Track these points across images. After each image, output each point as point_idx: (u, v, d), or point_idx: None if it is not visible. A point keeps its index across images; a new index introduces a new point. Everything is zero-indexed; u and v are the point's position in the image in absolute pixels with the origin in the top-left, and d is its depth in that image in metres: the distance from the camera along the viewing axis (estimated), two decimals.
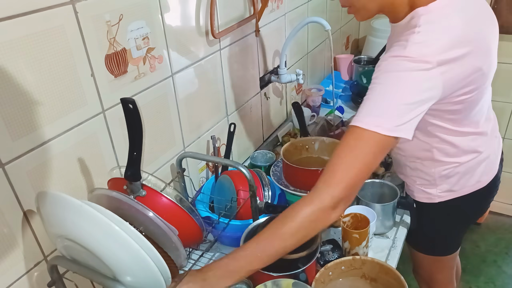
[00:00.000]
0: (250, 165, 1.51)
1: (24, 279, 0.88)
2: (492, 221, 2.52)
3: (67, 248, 0.80)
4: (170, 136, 1.20)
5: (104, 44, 0.92)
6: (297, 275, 0.97)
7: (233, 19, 1.34)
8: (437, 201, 1.19)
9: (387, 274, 1.03)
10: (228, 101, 1.43)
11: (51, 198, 0.76)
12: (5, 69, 0.74)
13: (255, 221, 1.09)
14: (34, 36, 0.78)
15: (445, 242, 1.33)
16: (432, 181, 1.16)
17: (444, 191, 1.17)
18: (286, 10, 1.68)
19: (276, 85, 1.75)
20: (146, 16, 1.01)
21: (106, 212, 0.76)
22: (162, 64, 1.10)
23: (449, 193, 1.17)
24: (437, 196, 1.18)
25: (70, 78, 0.87)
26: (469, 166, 1.12)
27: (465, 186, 1.16)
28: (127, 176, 0.87)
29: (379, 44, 2.17)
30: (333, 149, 1.37)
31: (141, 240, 0.77)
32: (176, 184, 1.23)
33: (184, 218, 0.94)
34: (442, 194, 1.18)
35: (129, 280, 0.77)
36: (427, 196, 1.20)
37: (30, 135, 0.81)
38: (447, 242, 1.33)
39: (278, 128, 1.84)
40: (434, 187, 1.17)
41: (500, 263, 2.27)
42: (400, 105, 0.85)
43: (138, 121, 0.81)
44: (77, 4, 0.84)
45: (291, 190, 1.27)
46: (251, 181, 1.06)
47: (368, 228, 1.09)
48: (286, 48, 1.57)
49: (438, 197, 1.18)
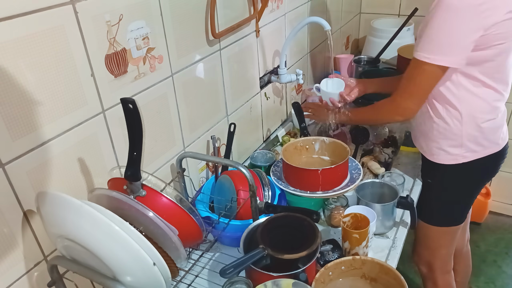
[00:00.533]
0: (250, 165, 1.51)
1: (24, 279, 0.88)
2: (492, 221, 2.51)
3: (67, 248, 0.80)
4: (170, 136, 1.20)
5: (104, 44, 0.92)
6: (297, 275, 0.97)
7: (233, 19, 1.34)
8: (461, 162, 1.29)
9: (387, 274, 1.03)
10: (228, 101, 1.44)
11: (51, 198, 0.76)
12: (5, 69, 0.74)
13: (255, 221, 1.09)
14: (34, 36, 0.78)
15: (458, 209, 1.43)
16: (459, 140, 1.26)
17: (468, 151, 1.27)
18: (286, 10, 1.68)
19: (276, 85, 1.75)
20: (146, 16, 1.01)
21: (106, 212, 0.76)
22: (162, 64, 1.10)
23: (473, 153, 1.27)
24: (461, 156, 1.28)
25: (70, 78, 0.87)
26: (491, 127, 1.25)
27: (487, 147, 1.28)
28: (127, 176, 0.87)
29: (379, 44, 2.17)
30: (333, 149, 1.39)
31: (141, 240, 0.77)
32: (176, 184, 1.23)
33: (184, 218, 0.94)
34: (466, 154, 1.28)
35: (129, 280, 0.77)
36: (452, 157, 1.29)
37: (30, 135, 0.81)
38: (460, 209, 1.43)
39: (278, 128, 1.84)
40: (460, 147, 1.27)
41: (500, 263, 2.27)
42: (461, 40, 1.07)
43: (138, 121, 0.81)
44: (77, 4, 0.84)
45: (291, 190, 1.27)
46: (251, 181, 1.06)
47: (368, 228, 1.09)
48: (286, 48, 1.57)
49: (463, 157, 1.28)
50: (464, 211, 1.46)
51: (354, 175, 1.30)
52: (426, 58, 1.12)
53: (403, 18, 2.18)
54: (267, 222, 1.06)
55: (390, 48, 2.10)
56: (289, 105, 1.90)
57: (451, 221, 1.45)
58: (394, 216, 1.26)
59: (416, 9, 2.10)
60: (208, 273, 1.14)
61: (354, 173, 1.31)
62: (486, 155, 1.29)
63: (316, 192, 1.24)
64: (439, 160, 1.33)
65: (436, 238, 1.48)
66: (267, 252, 0.97)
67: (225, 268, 0.93)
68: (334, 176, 1.25)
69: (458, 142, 1.27)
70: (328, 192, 1.23)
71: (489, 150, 1.29)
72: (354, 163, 1.35)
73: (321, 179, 1.23)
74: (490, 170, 1.39)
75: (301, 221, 1.05)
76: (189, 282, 1.00)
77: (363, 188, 1.30)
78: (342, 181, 1.27)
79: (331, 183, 1.25)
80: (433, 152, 1.34)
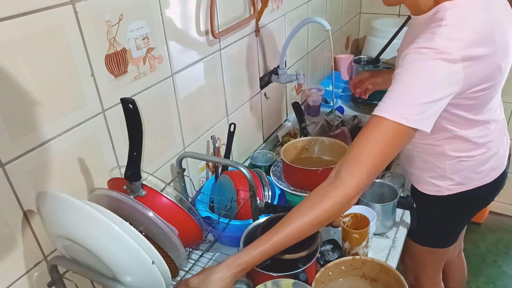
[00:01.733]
0: (250, 165, 1.51)
1: (24, 279, 0.88)
2: (492, 221, 2.51)
3: (67, 248, 0.80)
4: (170, 136, 1.20)
5: (104, 44, 0.92)
6: (297, 275, 0.97)
7: (233, 19, 1.33)
8: (446, 194, 1.21)
9: (387, 274, 1.03)
10: (228, 101, 1.43)
11: (51, 198, 0.76)
12: (5, 69, 0.74)
13: (255, 221, 1.09)
14: (34, 36, 0.78)
15: (446, 234, 1.35)
16: (442, 174, 1.18)
17: (453, 184, 1.19)
18: (286, 10, 1.68)
19: (276, 85, 1.75)
20: (146, 16, 1.01)
21: (106, 212, 0.76)
22: (162, 64, 1.10)
23: (458, 186, 1.19)
24: (446, 189, 1.20)
25: (70, 78, 0.87)
26: (479, 160, 1.14)
27: (474, 180, 1.18)
28: (127, 176, 0.87)
29: (379, 44, 2.17)
30: (333, 149, 1.39)
31: (141, 240, 0.77)
32: (176, 184, 1.23)
33: (184, 218, 0.94)
34: (451, 187, 1.19)
35: (129, 280, 0.77)
36: (436, 188, 1.21)
37: (30, 135, 0.81)
38: (449, 234, 1.35)
39: (278, 128, 1.84)
40: (444, 179, 1.19)
41: (500, 263, 2.27)
42: (425, 98, 0.86)
43: (138, 121, 0.81)
44: (77, 4, 0.84)
45: (291, 190, 1.27)
46: (251, 181, 1.06)
47: (368, 228, 1.09)
48: (286, 48, 1.57)
49: (447, 189, 1.20)
50: (453, 236, 1.37)
51: None
52: None
53: (403, 18, 2.18)
54: (267, 222, 1.06)
55: (390, 48, 2.09)
56: (289, 105, 1.90)
57: (440, 244, 1.36)
58: (394, 216, 1.26)
59: None
60: None
61: None
62: (477, 186, 1.19)
63: None
64: (423, 190, 1.24)
65: (423, 256, 1.41)
66: None
67: None
68: None
69: (441, 174, 1.18)
70: None
71: (478, 182, 1.18)
72: None
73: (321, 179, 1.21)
74: (482, 201, 1.29)
75: None
76: None
77: None
78: None
79: None
80: (418, 180, 1.25)
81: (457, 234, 1.37)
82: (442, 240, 1.35)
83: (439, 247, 1.36)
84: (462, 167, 1.15)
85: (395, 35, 2.08)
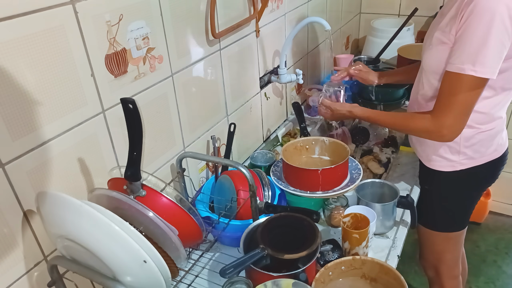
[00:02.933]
0: (250, 165, 1.51)
1: (24, 279, 0.88)
2: (492, 221, 2.51)
3: (67, 248, 0.80)
4: (170, 136, 1.20)
5: (104, 44, 0.92)
6: (297, 275, 0.97)
7: (233, 19, 1.34)
8: (459, 169, 1.26)
9: (387, 274, 1.03)
10: (228, 101, 1.43)
11: (51, 198, 0.76)
12: (5, 69, 0.74)
13: (255, 221, 1.09)
14: (34, 36, 0.78)
15: (460, 215, 1.40)
16: (456, 147, 1.23)
17: (466, 158, 1.25)
18: (286, 10, 1.68)
19: (276, 85, 1.75)
20: (146, 16, 1.01)
21: (106, 212, 0.76)
22: (162, 64, 1.10)
23: (470, 160, 1.25)
24: (459, 163, 1.26)
25: (70, 78, 0.87)
26: (490, 134, 1.22)
27: (485, 155, 1.25)
28: (127, 176, 0.87)
29: (379, 44, 2.17)
30: (333, 149, 1.39)
31: (141, 240, 0.77)
32: (176, 184, 1.23)
33: (184, 218, 0.94)
34: (464, 161, 1.25)
35: (129, 280, 0.77)
36: (450, 163, 1.27)
37: (30, 135, 0.81)
38: (462, 214, 1.40)
39: (278, 128, 1.84)
40: (457, 154, 1.24)
41: (500, 263, 2.27)
42: (494, 51, 0.99)
43: (138, 121, 0.81)
44: (77, 4, 0.84)
45: (291, 190, 1.27)
46: (251, 181, 1.06)
47: (368, 228, 1.09)
48: (286, 48, 1.57)
49: (460, 164, 1.26)
50: (466, 216, 1.42)
51: (354, 175, 1.30)
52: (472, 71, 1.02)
53: (403, 18, 2.18)
54: (267, 222, 1.06)
55: (390, 48, 2.10)
56: (289, 105, 1.90)
57: (453, 227, 1.42)
58: (394, 216, 1.26)
59: (416, 9, 2.10)
60: (208, 273, 1.14)
61: (354, 173, 1.31)
62: (485, 162, 1.26)
63: (316, 192, 1.24)
64: (436, 166, 1.30)
65: (440, 244, 1.46)
66: (267, 252, 0.97)
67: (225, 268, 0.93)
68: (334, 176, 1.25)
69: (456, 148, 1.24)
70: (328, 192, 1.23)
71: (488, 157, 1.26)
72: (354, 163, 1.35)
73: (321, 179, 1.23)
74: (489, 177, 1.36)
75: (301, 221, 1.05)
76: (189, 282, 1.00)
77: (363, 188, 1.30)
78: (342, 181, 1.28)
79: (331, 183, 1.25)
80: (430, 158, 1.31)
81: (468, 214, 1.42)
82: (455, 222, 1.40)
83: (453, 230, 1.42)
84: (476, 140, 1.22)
85: (395, 35, 2.08)
